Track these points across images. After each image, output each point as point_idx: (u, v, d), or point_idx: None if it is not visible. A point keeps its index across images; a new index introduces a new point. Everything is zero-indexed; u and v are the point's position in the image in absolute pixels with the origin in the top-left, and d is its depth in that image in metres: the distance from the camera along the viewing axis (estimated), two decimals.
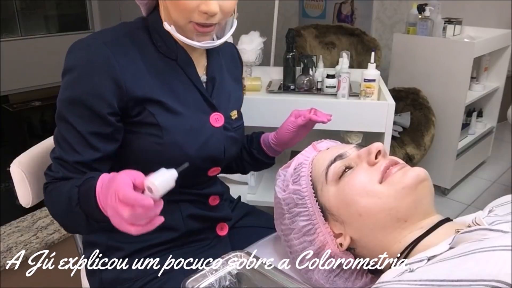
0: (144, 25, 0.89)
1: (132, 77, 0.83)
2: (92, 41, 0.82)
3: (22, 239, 1.48)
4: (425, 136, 2.40)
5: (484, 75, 2.79)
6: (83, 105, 0.80)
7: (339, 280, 0.75)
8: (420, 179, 0.68)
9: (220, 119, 0.94)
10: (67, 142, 0.82)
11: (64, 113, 0.82)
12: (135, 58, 0.84)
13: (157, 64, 0.87)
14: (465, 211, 2.51)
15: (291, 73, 1.84)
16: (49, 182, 0.85)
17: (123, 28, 0.87)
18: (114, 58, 0.81)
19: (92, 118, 0.81)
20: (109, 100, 0.81)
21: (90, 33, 0.87)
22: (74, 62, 0.81)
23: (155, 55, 0.87)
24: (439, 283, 0.47)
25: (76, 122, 0.81)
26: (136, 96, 0.83)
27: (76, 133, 0.81)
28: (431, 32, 2.44)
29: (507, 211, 0.65)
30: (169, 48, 0.88)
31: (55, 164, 0.84)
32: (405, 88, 2.52)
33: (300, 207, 0.77)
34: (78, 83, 0.80)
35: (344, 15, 3.71)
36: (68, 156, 0.82)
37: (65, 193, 0.79)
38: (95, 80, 0.80)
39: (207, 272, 0.80)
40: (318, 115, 1.04)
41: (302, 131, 1.07)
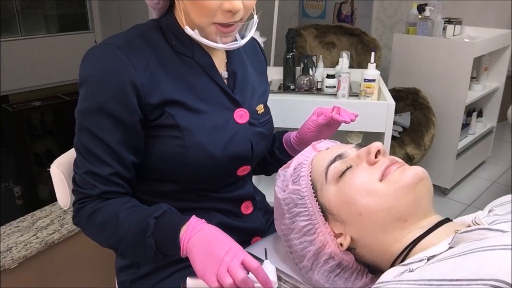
0: (157, 26, 0.87)
1: (150, 79, 0.81)
2: (105, 47, 0.80)
3: (22, 239, 1.48)
4: (425, 136, 2.40)
5: (484, 75, 2.79)
6: (106, 113, 0.78)
7: (339, 280, 0.75)
8: (419, 178, 0.68)
9: (245, 115, 0.90)
10: (94, 155, 0.80)
11: (86, 124, 0.80)
12: (151, 59, 0.82)
13: (174, 64, 0.85)
14: (465, 211, 2.51)
15: (291, 73, 1.84)
16: (84, 201, 0.82)
17: (135, 30, 0.86)
18: (129, 61, 0.79)
19: (117, 126, 0.79)
20: (131, 106, 0.79)
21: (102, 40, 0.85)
22: (90, 72, 0.80)
23: (171, 54, 0.85)
24: (438, 283, 0.47)
25: (101, 133, 0.79)
26: (154, 98, 0.81)
27: (102, 144, 0.79)
28: (431, 32, 2.45)
29: (506, 211, 0.65)
30: (184, 46, 0.86)
31: (86, 180, 0.81)
32: (405, 88, 2.52)
33: (300, 207, 0.77)
34: (98, 92, 0.79)
35: (344, 15, 3.71)
36: (100, 169, 0.80)
37: (132, 220, 0.79)
38: (114, 86, 0.78)
39: None
40: (341, 114, 0.97)
41: (325, 130, 1.01)
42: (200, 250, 0.72)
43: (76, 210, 0.83)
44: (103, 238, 0.83)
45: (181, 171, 0.85)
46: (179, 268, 0.92)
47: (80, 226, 0.85)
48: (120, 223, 0.79)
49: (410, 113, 2.49)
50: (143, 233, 0.76)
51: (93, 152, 0.80)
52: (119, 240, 0.80)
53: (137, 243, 0.77)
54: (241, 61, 0.95)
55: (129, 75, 0.78)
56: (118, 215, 0.79)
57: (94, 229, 0.82)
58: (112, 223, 0.79)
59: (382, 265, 0.71)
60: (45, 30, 4.10)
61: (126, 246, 0.80)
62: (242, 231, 0.96)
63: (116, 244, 0.81)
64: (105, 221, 0.80)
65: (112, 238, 0.81)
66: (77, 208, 0.83)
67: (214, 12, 0.77)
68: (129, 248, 0.80)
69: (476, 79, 2.74)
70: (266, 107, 0.99)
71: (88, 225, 0.83)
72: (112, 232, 0.80)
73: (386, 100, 1.66)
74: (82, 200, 0.83)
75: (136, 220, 0.78)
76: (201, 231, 0.74)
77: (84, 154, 0.81)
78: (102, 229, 0.81)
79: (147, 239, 0.76)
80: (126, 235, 0.79)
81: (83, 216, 0.82)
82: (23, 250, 1.45)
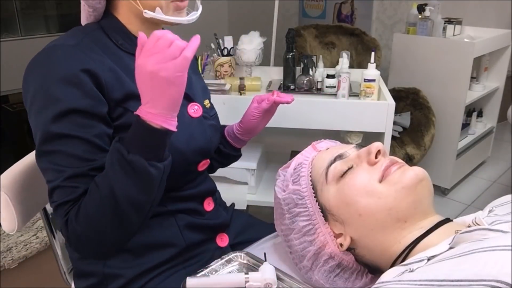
0: (98, 27, 0.86)
1: (111, 74, 0.79)
2: (53, 49, 0.77)
3: (22, 239, 1.48)
4: (425, 136, 2.40)
5: (484, 75, 2.78)
6: (77, 112, 0.75)
7: (339, 280, 0.75)
8: (419, 179, 0.68)
9: (199, 110, 0.93)
10: (73, 156, 0.75)
11: (59, 130, 0.74)
12: (104, 57, 0.80)
13: (125, 62, 0.83)
14: (465, 211, 2.51)
15: (291, 73, 1.84)
16: (68, 210, 0.76)
17: (79, 32, 0.83)
18: (88, 57, 0.77)
19: (92, 121, 0.76)
20: (99, 97, 0.77)
21: (45, 47, 0.80)
22: (45, 79, 0.75)
23: (120, 53, 0.84)
24: (439, 283, 0.47)
25: (76, 131, 0.75)
26: (118, 93, 0.79)
27: (81, 142, 0.75)
28: (431, 32, 2.44)
29: (507, 211, 0.65)
30: (130, 44, 0.85)
31: (67, 186, 0.75)
32: (405, 88, 2.52)
33: (300, 207, 0.77)
34: (64, 92, 0.74)
35: (344, 15, 3.71)
36: (81, 168, 0.75)
37: (105, 169, 0.73)
38: (78, 81, 0.75)
39: (207, 273, 0.81)
40: (281, 96, 1.03)
41: (266, 115, 1.06)
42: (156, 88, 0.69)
43: (64, 225, 0.76)
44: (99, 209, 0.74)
45: None
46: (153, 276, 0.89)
47: (78, 234, 0.76)
48: (101, 179, 0.74)
49: (410, 113, 2.49)
50: (122, 158, 0.71)
51: (72, 154, 0.75)
52: (112, 191, 0.72)
53: (126, 172, 0.71)
54: None
55: (86, 64, 0.76)
56: (94, 181, 0.74)
57: (87, 215, 0.74)
58: (95, 189, 0.74)
59: (382, 265, 0.71)
60: (45, 30, 4.10)
61: (121, 187, 0.72)
62: (207, 228, 0.97)
63: (113, 199, 0.73)
64: (90, 196, 0.74)
65: (104, 196, 0.73)
66: (64, 222, 0.76)
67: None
68: (127, 186, 0.72)
69: (476, 79, 2.74)
70: (211, 104, 1.02)
71: (81, 220, 0.74)
72: (100, 192, 0.73)
73: (386, 100, 1.66)
74: (66, 211, 0.76)
75: (108, 163, 0.73)
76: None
77: (60, 161, 0.75)
78: (92, 203, 0.74)
79: (127, 157, 0.70)
80: (113, 178, 0.72)
81: (74, 219, 0.75)
82: (23, 250, 1.45)
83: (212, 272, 0.81)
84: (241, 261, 0.85)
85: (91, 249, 0.80)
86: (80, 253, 0.86)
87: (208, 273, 0.80)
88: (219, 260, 0.84)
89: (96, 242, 0.78)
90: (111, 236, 0.78)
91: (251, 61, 1.82)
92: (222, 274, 0.81)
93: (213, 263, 0.83)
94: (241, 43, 1.81)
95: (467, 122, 2.79)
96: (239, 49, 1.81)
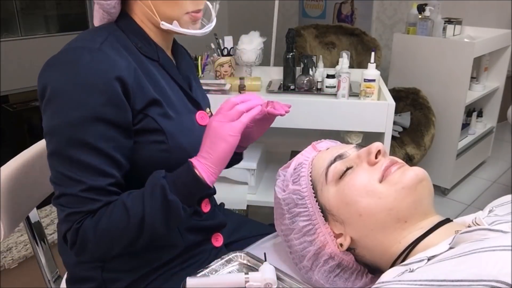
0: (118, 28, 0.84)
1: (134, 82, 0.78)
2: (80, 50, 0.76)
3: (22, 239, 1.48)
4: (425, 136, 2.40)
5: (484, 75, 2.78)
6: (99, 120, 0.73)
7: (339, 280, 0.75)
8: (419, 179, 0.68)
9: (205, 117, 0.92)
10: (91, 168, 0.73)
11: (78, 136, 0.73)
12: (129, 59, 0.79)
13: (145, 66, 0.83)
14: (465, 211, 2.51)
15: (291, 73, 1.84)
16: (83, 218, 0.75)
17: (102, 31, 0.81)
18: (117, 63, 0.76)
19: (112, 131, 0.75)
20: (123, 105, 0.75)
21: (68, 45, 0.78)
22: (68, 80, 0.73)
23: (140, 56, 0.83)
24: (439, 283, 0.47)
25: (97, 142, 0.73)
26: (138, 104, 0.79)
27: (99, 154, 0.74)
28: (431, 32, 2.44)
29: (507, 211, 0.65)
30: (149, 49, 0.85)
31: (84, 197, 0.74)
32: (405, 88, 2.52)
33: (300, 207, 0.77)
34: (86, 99, 0.73)
35: (344, 15, 3.71)
36: (100, 181, 0.74)
37: (141, 196, 0.75)
38: (104, 89, 0.73)
39: (207, 273, 0.81)
40: (276, 108, 0.91)
41: (261, 124, 0.96)
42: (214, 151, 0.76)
43: (75, 231, 0.75)
44: (123, 230, 0.75)
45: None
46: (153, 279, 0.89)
47: (87, 242, 0.75)
48: (133, 204, 0.75)
49: (410, 113, 2.49)
50: (163, 195, 0.74)
51: (91, 164, 0.73)
52: (142, 218, 0.74)
53: (162, 208, 0.74)
54: (188, 65, 0.98)
55: (116, 71, 0.75)
56: (124, 203, 0.75)
57: (107, 231, 0.75)
58: (124, 211, 0.74)
59: (382, 266, 0.71)
60: (45, 30, 4.10)
61: (152, 219, 0.74)
62: (205, 229, 0.97)
63: (140, 226, 0.74)
64: (116, 215, 0.74)
65: (133, 221, 0.74)
66: (76, 228, 0.74)
67: (186, 3, 0.81)
68: (157, 220, 0.75)
69: (476, 79, 2.74)
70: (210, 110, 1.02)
71: (97, 232, 0.74)
72: (129, 216, 0.74)
73: (386, 100, 1.66)
74: (80, 219, 0.75)
75: (148, 193, 0.75)
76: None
77: (79, 169, 0.73)
78: (117, 223, 0.74)
79: (169, 196, 0.74)
80: (147, 208, 0.74)
81: (89, 228, 0.74)
82: (23, 250, 1.45)
83: (212, 272, 0.81)
84: (241, 261, 0.85)
85: (90, 256, 0.81)
86: (78, 257, 0.86)
87: (208, 273, 0.80)
88: (219, 260, 0.84)
89: (100, 252, 0.80)
90: (117, 250, 0.80)
91: (251, 61, 1.82)
92: (222, 274, 0.81)
93: (213, 263, 0.83)
94: (241, 43, 1.81)
95: (467, 122, 2.79)
96: (239, 49, 1.81)
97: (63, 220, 0.76)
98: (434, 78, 2.46)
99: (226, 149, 0.76)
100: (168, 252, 0.91)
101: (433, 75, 2.46)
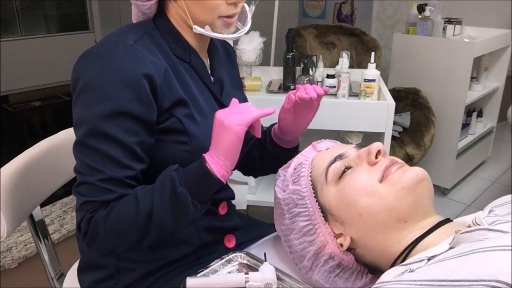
0: (154, 27, 0.85)
1: (163, 81, 0.79)
2: (113, 44, 0.77)
3: (22, 239, 1.48)
4: (425, 136, 2.40)
5: (484, 75, 2.78)
6: (126, 115, 0.74)
7: (339, 280, 0.75)
8: (419, 179, 0.68)
9: None
10: (112, 159, 0.74)
11: (103, 128, 0.74)
12: (161, 59, 0.80)
13: (176, 66, 0.84)
14: (465, 211, 2.51)
15: (291, 73, 1.84)
16: (96, 208, 0.75)
17: (138, 28, 0.83)
18: (148, 60, 0.77)
19: (137, 127, 0.76)
20: (150, 103, 0.77)
21: (104, 39, 0.80)
22: (100, 73, 0.75)
23: (172, 56, 0.84)
24: (439, 283, 0.47)
25: (120, 135, 0.74)
26: (166, 103, 0.79)
27: (122, 146, 0.75)
28: (431, 32, 2.44)
29: (507, 211, 0.65)
30: (182, 50, 0.86)
31: (101, 187, 0.74)
32: (405, 88, 2.52)
33: (300, 207, 0.77)
34: (118, 92, 0.74)
35: (344, 15, 3.71)
36: (118, 173, 0.75)
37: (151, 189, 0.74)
38: (135, 85, 0.75)
39: (207, 273, 0.81)
40: (307, 91, 0.87)
41: (302, 113, 0.92)
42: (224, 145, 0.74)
43: (87, 220, 0.75)
44: (131, 223, 0.74)
45: None
46: (162, 274, 0.90)
47: (97, 233, 0.75)
48: (143, 196, 0.74)
49: (410, 113, 2.49)
50: (172, 187, 0.73)
51: (112, 156, 0.74)
52: (150, 211, 0.74)
53: (171, 201, 0.73)
54: (223, 66, 0.97)
55: (146, 69, 0.76)
56: (135, 194, 0.75)
57: (116, 221, 0.74)
58: (135, 203, 0.74)
59: (382, 266, 0.71)
60: (45, 30, 4.10)
61: (160, 211, 0.74)
62: (218, 230, 0.96)
63: (148, 219, 0.74)
64: (126, 206, 0.74)
65: (141, 213, 0.74)
66: (88, 218, 0.75)
67: (219, 6, 0.80)
68: (165, 213, 0.74)
69: (476, 79, 2.74)
70: None
71: (107, 224, 0.74)
72: (139, 208, 0.74)
73: (386, 100, 1.66)
74: (93, 209, 0.76)
75: (158, 185, 0.75)
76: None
77: (100, 159, 0.74)
78: (126, 216, 0.74)
79: (178, 189, 0.73)
80: (156, 200, 0.74)
81: (100, 219, 0.75)
82: (23, 250, 1.45)
83: (212, 272, 0.81)
84: (241, 261, 0.85)
85: (101, 248, 0.80)
86: (90, 249, 0.85)
87: (208, 273, 0.80)
88: (219, 260, 0.84)
89: (110, 245, 0.78)
90: (125, 246, 0.78)
91: (251, 61, 1.82)
92: (222, 274, 0.81)
93: (213, 263, 0.83)
94: (241, 43, 1.81)
95: (467, 122, 2.79)
96: (239, 49, 1.81)
97: (78, 209, 0.77)
98: (434, 78, 2.46)
99: (232, 140, 0.73)
100: (183, 248, 0.91)
101: (433, 75, 2.46)
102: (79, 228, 0.78)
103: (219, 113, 0.75)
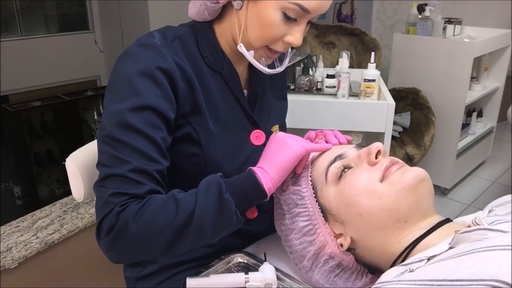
0: (192, 32, 0.85)
1: (185, 85, 0.79)
2: (148, 45, 0.79)
3: (22, 239, 1.48)
4: (425, 136, 2.40)
5: (484, 75, 2.79)
6: (153, 110, 0.75)
7: (339, 280, 0.75)
8: (419, 179, 0.68)
9: (261, 137, 0.90)
10: (140, 152, 0.73)
11: (132, 121, 0.74)
12: (186, 65, 0.80)
13: (205, 75, 0.83)
14: (465, 211, 2.51)
15: (291, 73, 1.84)
16: (127, 202, 0.71)
17: (171, 33, 0.83)
18: (174, 61, 0.78)
19: (161, 122, 0.77)
20: (173, 105, 0.78)
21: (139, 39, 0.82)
22: (133, 70, 0.76)
23: (201, 63, 0.84)
24: (439, 283, 0.47)
25: (149, 130, 0.74)
26: (185, 107, 0.80)
27: (149, 140, 0.74)
28: (431, 32, 2.45)
29: (507, 211, 0.65)
30: (215, 59, 0.85)
31: (131, 179, 0.72)
32: (405, 88, 2.52)
33: (300, 208, 0.77)
34: (145, 88, 0.75)
35: (344, 15, 3.71)
36: (146, 166, 0.73)
37: (194, 192, 0.72)
38: (161, 83, 0.76)
39: (207, 273, 0.81)
40: (328, 139, 0.85)
41: None
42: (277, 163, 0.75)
43: (116, 214, 0.70)
44: (167, 222, 0.70)
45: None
46: (183, 269, 0.91)
47: (126, 229, 0.70)
48: (184, 197, 0.72)
49: (410, 113, 2.49)
50: (219, 192, 0.71)
51: (140, 149, 0.73)
52: (191, 213, 0.70)
53: (216, 205, 0.70)
54: (263, 81, 0.94)
55: (173, 75, 0.77)
56: (174, 196, 0.72)
57: (151, 218, 0.70)
58: (172, 202, 0.71)
59: (382, 266, 0.71)
60: (45, 30, 4.10)
61: (202, 215, 0.70)
62: (246, 234, 0.94)
63: (186, 222, 0.70)
64: (163, 205, 0.71)
65: (181, 214, 0.70)
66: (117, 211, 0.70)
67: (276, 40, 0.79)
68: (207, 217, 0.70)
69: (476, 79, 2.74)
70: (283, 126, 0.99)
71: (140, 220, 0.69)
72: (178, 209, 0.70)
73: (386, 100, 1.66)
74: (124, 202, 0.71)
75: (202, 189, 0.72)
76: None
77: (128, 152, 0.73)
78: (162, 213, 0.70)
79: (224, 195, 0.71)
80: (200, 203, 0.70)
81: (133, 213, 0.70)
82: (23, 250, 1.45)
83: (212, 272, 0.81)
84: (241, 261, 0.85)
85: (125, 248, 0.72)
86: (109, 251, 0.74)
87: (208, 273, 0.80)
88: (219, 260, 0.84)
89: (137, 247, 0.72)
90: (153, 252, 0.74)
91: None
92: (222, 274, 0.81)
93: (213, 263, 0.83)
94: None
95: (467, 122, 2.79)
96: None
97: (104, 203, 0.72)
98: (434, 78, 2.46)
99: (290, 158, 0.75)
100: (204, 249, 0.88)
101: (433, 75, 2.46)
102: (100, 225, 0.72)
103: (282, 133, 0.78)
